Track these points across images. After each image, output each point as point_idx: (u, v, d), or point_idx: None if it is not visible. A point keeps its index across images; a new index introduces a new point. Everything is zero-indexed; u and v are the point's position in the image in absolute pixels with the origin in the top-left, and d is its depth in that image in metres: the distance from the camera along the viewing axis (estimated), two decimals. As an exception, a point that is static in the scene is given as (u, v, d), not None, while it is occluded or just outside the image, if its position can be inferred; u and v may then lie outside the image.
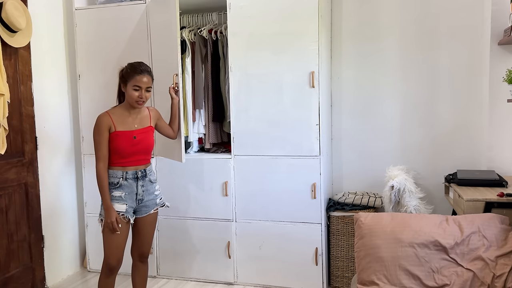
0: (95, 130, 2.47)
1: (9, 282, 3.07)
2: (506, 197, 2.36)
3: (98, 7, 3.49)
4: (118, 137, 2.48)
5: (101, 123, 2.46)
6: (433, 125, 3.36)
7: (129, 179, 2.53)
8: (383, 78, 3.44)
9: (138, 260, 2.69)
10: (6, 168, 3.05)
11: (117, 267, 2.53)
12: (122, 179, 2.51)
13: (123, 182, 2.51)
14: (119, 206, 2.48)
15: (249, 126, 3.24)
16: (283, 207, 3.21)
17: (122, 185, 2.51)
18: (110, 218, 2.43)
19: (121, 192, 2.50)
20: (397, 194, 2.96)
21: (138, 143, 2.53)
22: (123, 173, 2.51)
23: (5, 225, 3.05)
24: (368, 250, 2.17)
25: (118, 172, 2.51)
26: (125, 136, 2.50)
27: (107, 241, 2.49)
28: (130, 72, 2.48)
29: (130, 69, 2.50)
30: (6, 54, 3.01)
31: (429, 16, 3.30)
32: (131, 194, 2.53)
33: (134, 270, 2.71)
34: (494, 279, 1.98)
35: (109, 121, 2.46)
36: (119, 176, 2.50)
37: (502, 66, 2.95)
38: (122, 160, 2.51)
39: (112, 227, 2.43)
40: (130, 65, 2.52)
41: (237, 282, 3.37)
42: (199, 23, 3.56)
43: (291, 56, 3.10)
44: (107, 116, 2.48)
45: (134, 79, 2.46)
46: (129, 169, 2.53)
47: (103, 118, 2.48)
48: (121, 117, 2.51)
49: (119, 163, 2.51)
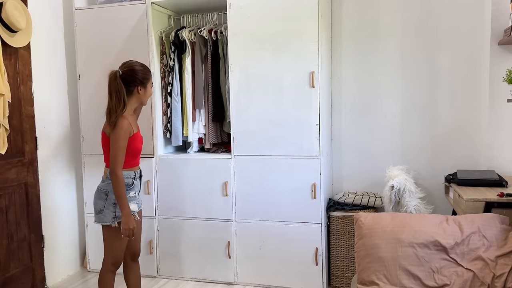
0: (121, 136, 2.40)
1: (9, 282, 3.07)
2: (506, 197, 2.36)
3: (98, 7, 3.49)
4: (136, 139, 2.53)
5: (127, 129, 2.42)
6: (433, 125, 3.36)
7: (137, 178, 2.61)
8: (383, 78, 3.44)
9: (131, 260, 2.71)
10: (6, 168, 3.05)
11: (121, 263, 2.62)
12: (134, 179, 2.57)
13: (135, 182, 2.58)
14: (133, 206, 2.53)
15: (249, 126, 3.24)
16: (283, 207, 3.21)
17: (135, 185, 2.57)
18: (132, 224, 2.44)
19: (134, 192, 2.56)
20: (397, 194, 2.96)
21: (142, 141, 2.64)
22: (135, 173, 2.57)
23: (5, 225, 3.04)
24: (368, 250, 2.17)
25: (131, 172, 2.55)
26: (139, 137, 2.58)
27: (116, 241, 2.52)
28: (148, 72, 2.56)
29: (144, 70, 2.54)
30: (6, 54, 3.01)
31: (429, 16, 3.30)
32: (138, 193, 2.62)
33: (128, 270, 2.73)
34: (494, 279, 1.98)
35: (129, 125, 2.46)
36: (132, 177, 2.55)
37: (502, 66, 2.95)
38: (134, 161, 2.57)
39: (132, 233, 2.46)
40: (141, 66, 2.54)
41: (237, 282, 3.36)
42: (199, 23, 3.56)
43: (291, 56, 3.10)
44: (127, 120, 2.45)
45: (151, 78, 2.57)
46: (137, 169, 2.62)
47: (126, 122, 2.42)
48: (133, 120, 2.55)
49: (132, 164, 2.56)
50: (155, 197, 3.49)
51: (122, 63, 2.54)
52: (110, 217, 2.48)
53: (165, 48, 3.50)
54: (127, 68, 2.49)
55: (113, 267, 2.57)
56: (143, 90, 2.53)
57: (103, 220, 2.49)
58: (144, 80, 2.52)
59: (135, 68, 2.49)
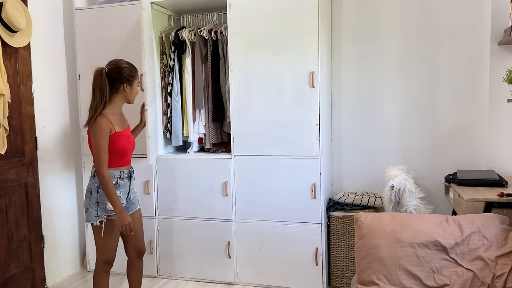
0: (98, 134, 2.41)
1: (9, 282, 3.07)
2: (506, 197, 2.36)
3: (98, 7, 3.49)
4: (119, 138, 2.51)
5: (104, 127, 2.42)
6: (433, 125, 3.36)
7: (125, 178, 2.59)
8: (383, 78, 3.44)
9: (136, 257, 2.73)
10: (6, 168, 3.05)
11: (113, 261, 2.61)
12: (120, 178, 2.56)
13: (120, 181, 2.56)
14: None
15: (249, 126, 3.24)
16: (283, 207, 3.21)
17: (120, 184, 2.56)
18: (126, 219, 2.45)
19: (119, 191, 2.54)
20: (397, 194, 2.96)
21: (131, 142, 2.63)
22: (120, 173, 2.56)
23: (5, 225, 3.04)
24: (368, 250, 2.17)
25: (116, 172, 2.54)
26: (124, 136, 2.55)
27: (107, 240, 2.53)
28: (134, 70, 2.56)
29: (130, 67, 2.55)
30: (6, 54, 3.01)
31: (429, 16, 3.30)
32: (125, 193, 2.60)
33: (131, 267, 2.75)
34: (494, 279, 1.98)
35: (109, 123, 2.46)
36: (117, 176, 2.54)
37: (502, 66, 2.95)
38: (121, 160, 2.56)
39: (130, 228, 2.46)
40: (127, 63, 2.56)
41: (237, 282, 3.37)
42: (199, 23, 3.56)
43: (291, 56, 3.10)
44: (106, 118, 2.45)
45: (138, 76, 2.58)
46: (124, 169, 2.60)
47: (104, 121, 2.44)
48: (115, 118, 2.53)
49: (119, 163, 2.55)
50: (155, 197, 3.49)
51: (109, 61, 2.57)
52: (93, 216, 2.50)
53: (165, 48, 3.50)
54: (113, 66, 2.51)
55: (106, 267, 2.57)
56: (129, 88, 2.53)
57: (87, 218, 2.53)
58: (130, 77, 2.52)
59: (121, 66, 2.51)
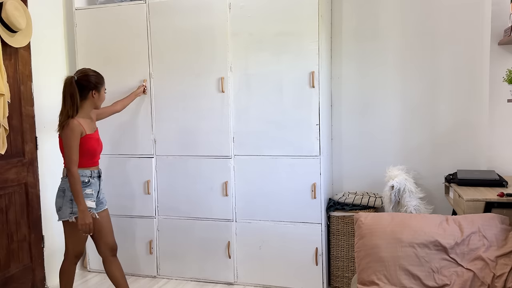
0: (70, 136, 2.57)
1: (9, 282, 3.07)
2: (506, 197, 2.36)
3: (98, 7, 3.49)
4: (90, 140, 2.67)
5: (76, 129, 2.58)
6: (433, 125, 3.36)
7: (95, 177, 2.75)
8: (383, 78, 3.44)
9: (110, 255, 2.83)
10: (6, 168, 3.05)
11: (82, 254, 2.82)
12: (91, 177, 2.70)
13: (92, 180, 2.70)
14: (90, 203, 2.65)
15: (249, 126, 3.24)
16: (283, 207, 3.21)
17: (91, 183, 2.69)
18: (88, 219, 2.59)
19: (91, 189, 2.69)
20: (397, 194, 2.96)
21: (100, 144, 2.81)
22: (91, 172, 2.71)
23: (5, 225, 3.05)
24: (368, 250, 2.17)
25: (87, 171, 2.69)
26: (94, 138, 2.72)
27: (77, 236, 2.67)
28: (101, 78, 2.75)
29: (97, 75, 2.72)
30: (6, 54, 3.01)
31: (429, 16, 3.30)
32: (96, 191, 2.74)
33: (110, 265, 2.84)
34: (494, 279, 1.98)
35: (80, 126, 2.61)
36: (88, 175, 2.69)
37: (502, 66, 2.95)
38: (92, 161, 2.73)
39: (89, 228, 2.59)
40: (94, 72, 2.72)
41: (237, 282, 3.37)
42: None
43: (291, 56, 3.10)
44: (77, 122, 2.60)
45: (104, 83, 2.76)
46: (94, 169, 2.76)
47: (76, 123, 2.59)
48: (85, 122, 2.69)
49: (89, 163, 2.71)
50: (155, 197, 3.49)
51: (77, 70, 2.72)
52: (68, 213, 2.63)
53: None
54: (81, 74, 2.67)
55: (76, 259, 2.76)
56: (97, 94, 2.71)
57: (61, 216, 2.65)
58: (98, 84, 2.70)
59: (89, 73, 2.69)
